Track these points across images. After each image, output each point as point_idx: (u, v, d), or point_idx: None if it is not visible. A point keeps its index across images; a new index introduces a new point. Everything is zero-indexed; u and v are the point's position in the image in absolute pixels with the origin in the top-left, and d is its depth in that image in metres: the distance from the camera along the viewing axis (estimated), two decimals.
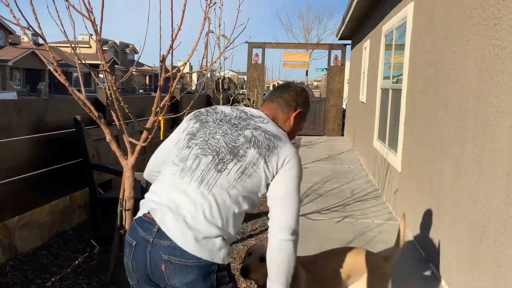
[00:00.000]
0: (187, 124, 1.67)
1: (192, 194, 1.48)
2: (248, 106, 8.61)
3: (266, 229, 4.36)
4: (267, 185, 1.57)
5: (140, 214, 1.55)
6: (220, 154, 1.54)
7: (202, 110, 1.74)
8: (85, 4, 2.48)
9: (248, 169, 1.53)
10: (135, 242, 1.49)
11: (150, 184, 1.83)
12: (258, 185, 1.55)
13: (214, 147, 1.56)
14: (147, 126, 2.77)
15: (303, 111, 1.80)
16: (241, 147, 1.55)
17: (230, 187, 1.51)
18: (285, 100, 1.77)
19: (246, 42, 12.45)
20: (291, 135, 1.80)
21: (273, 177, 1.55)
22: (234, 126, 1.62)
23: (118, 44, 50.54)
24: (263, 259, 1.84)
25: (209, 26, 2.96)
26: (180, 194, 1.49)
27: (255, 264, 1.89)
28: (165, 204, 1.49)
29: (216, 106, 1.77)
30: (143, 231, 1.47)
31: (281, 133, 1.66)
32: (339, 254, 2.29)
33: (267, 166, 1.54)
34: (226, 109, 1.72)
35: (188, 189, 1.49)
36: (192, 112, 1.75)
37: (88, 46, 41.44)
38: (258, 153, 1.54)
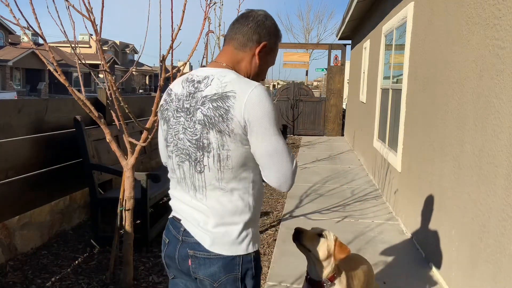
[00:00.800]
0: (160, 127, 1.59)
1: (194, 203, 1.47)
2: None
3: (266, 229, 4.36)
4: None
5: (171, 214, 1.59)
6: (192, 156, 1.42)
7: (163, 101, 1.55)
8: (85, 4, 2.48)
9: (222, 153, 1.37)
10: (167, 240, 1.55)
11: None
12: (244, 157, 1.39)
13: (183, 150, 1.44)
14: (147, 126, 2.77)
15: (269, 43, 1.49)
16: (201, 136, 1.39)
17: (220, 180, 1.40)
18: (244, 35, 1.47)
19: None
20: (261, 74, 1.54)
21: (247, 138, 1.36)
22: (188, 112, 1.42)
23: (118, 44, 50.54)
24: (321, 235, 1.99)
25: (209, 26, 2.96)
26: (185, 207, 1.50)
27: (311, 234, 1.99)
28: (179, 213, 1.53)
29: (171, 88, 1.54)
30: (174, 229, 1.53)
31: (233, 81, 1.38)
32: (363, 261, 2.40)
33: (235, 135, 1.35)
34: (178, 88, 1.49)
35: (188, 200, 1.48)
36: (160, 103, 1.59)
37: (88, 46, 41.45)
38: (218, 131, 1.35)
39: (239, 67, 1.48)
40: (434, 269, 3.41)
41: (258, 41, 1.47)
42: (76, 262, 3.51)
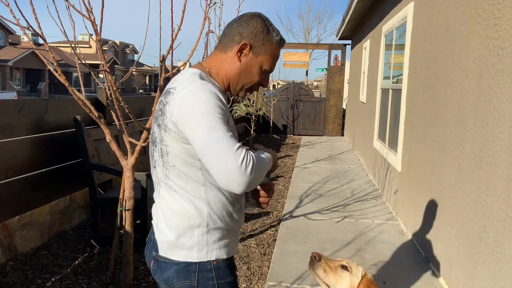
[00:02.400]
0: None
1: (156, 200, 1.45)
2: (247, 106, 8.61)
3: (266, 229, 4.36)
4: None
5: None
6: (151, 150, 1.42)
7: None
8: (85, 4, 2.48)
9: (163, 148, 1.32)
10: (147, 239, 1.52)
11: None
12: (186, 155, 1.30)
13: (151, 146, 1.43)
14: (147, 126, 2.77)
15: (253, 43, 1.38)
16: (153, 130, 1.39)
17: (167, 177, 1.34)
18: (227, 36, 1.41)
19: None
20: (245, 78, 1.41)
21: (186, 136, 1.27)
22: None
23: (118, 44, 50.54)
24: (344, 267, 1.66)
25: (209, 26, 2.96)
26: (155, 203, 1.48)
27: (332, 264, 1.67)
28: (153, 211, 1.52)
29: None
30: (151, 229, 1.51)
31: (182, 79, 1.32)
32: None
33: (169, 131, 1.29)
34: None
35: (155, 196, 1.46)
36: None
37: (88, 46, 41.45)
38: (158, 125, 1.33)
39: (219, 69, 1.41)
40: (434, 269, 3.41)
41: (238, 42, 1.38)
42: (76, 262, 3.51)
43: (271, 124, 12.59)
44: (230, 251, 1.41)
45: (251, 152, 1.25)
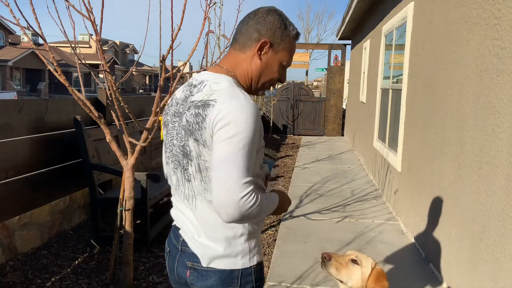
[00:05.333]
0: (163, 131, 1.51)
1: (187, 213, 1.43)
2: None
3: (266, 229, 4.36)
4: None
5: (174, 222, 1.56)
6: (181, 162, 1.35)
7: (166, 106, 1.50)
8: (85, 4, 2.48)
9: (201, 163, 1.29)
10: (168, 249, 1.51)
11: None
12: None
13: (176, 157, 1.38)
14: (147, 126, 2.77)
15: (272, 40, 1.35)
16: (185, 143, 1.32)
17: (205, 191, 1.32)
18: (244, 34, 1.36)
19: None
20: (266, 75, 1.40)
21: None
22: (180, 116, 1.36)
23: (118, 44, 50.55)
24: (354, 261, 1.73)
25: (209, 26, 2.96)
26: (181, 215, 1.47)
27: (343, 260, 1.76)
28: (177, 222, 1.50)
29: (175, 92, 1.48)
30: (174, 238, 1.49)
31: (222, 90, 1.28)
32: None
33: (208, 146, 1.26)
34: (179, 92, 1.43)
35: (183, 208, 1.44)
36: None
37: (88, 46, 41.45)
38: (195, 140, 1.28)
39: (240, 69, 1.38)
40: (434, 269, 3.41)
41: (257, 39, 1.34)
42: (76, 262, 3.51)
43: (271, 124, 12.58)
44: (261, 254, 1.46)
45: (259, 194, 1.21)
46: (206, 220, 1.35)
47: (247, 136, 1.19)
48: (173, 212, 1.52)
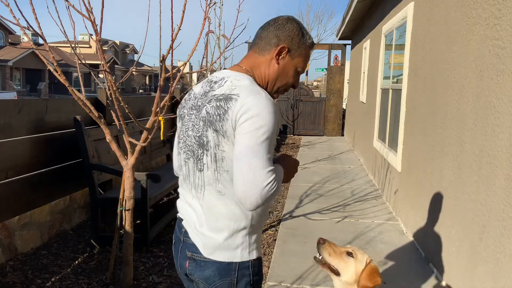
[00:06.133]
0: (177, 124, 1.58)
1: (193, 203, 1.46)
2: None
3: (266, 229, 4.36)
4: None
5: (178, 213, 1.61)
6: (195, 152, 1.41)
7: (182, 100, 1.56)
8: (85, 4, 2.48)
9: (217, 153, 1.34)
10: (174, 241, 1.56)
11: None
12: None
13: (190, 147, 1.43)
14: (147, 126, 2.77)
15: (290, 46, 1.44)
16: (202, 133, 1.38)
17: (217, 181, 1.37)
18: (263, 39, 1.45)
19: (246, 42, 12.40)
20: (282, 79, 1.47)
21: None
22: (198, 109, 1.42)
23: (118, 44, 50.55)
24: (350, 254, 1.74)
25: (209, 26, 2.96)
26: (186, 206, 1.50)
27: (339, 250, 1.77)
28: (181, 212, 1.54)
29: (193, 87, 1.55)
30: (178, 230, 1.54)
31: (244, 86, 1.35)
32: None
33: (228, 137, 1.32)
34: (198, 88, 1.50)
35: (189, 198, 1.48)
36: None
37: (88, 46, 41.45)
38: (214, 130, 1.34)
39: (258, 71, 1.46)
40: (434, 269, 3.41)
41: (276, 44, 1.43)
42: (76, 262, 3.51)
43: None
44: (260, 250, 1.50)
45: (276, 172, 1.29)
46: (212, 210, 1.39)
47: (269, 129, 1.27)
48: (178, 203, 1.56)
